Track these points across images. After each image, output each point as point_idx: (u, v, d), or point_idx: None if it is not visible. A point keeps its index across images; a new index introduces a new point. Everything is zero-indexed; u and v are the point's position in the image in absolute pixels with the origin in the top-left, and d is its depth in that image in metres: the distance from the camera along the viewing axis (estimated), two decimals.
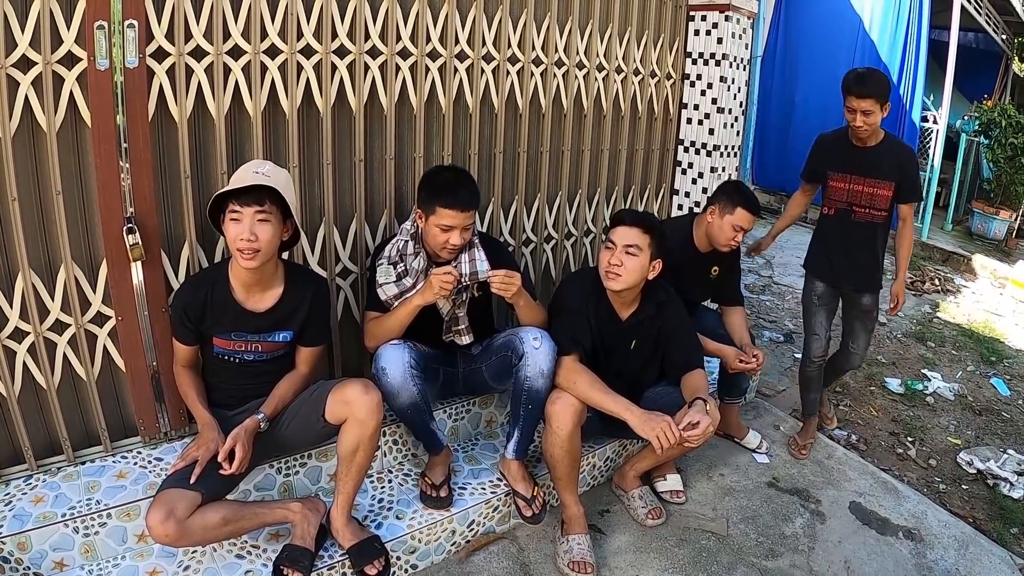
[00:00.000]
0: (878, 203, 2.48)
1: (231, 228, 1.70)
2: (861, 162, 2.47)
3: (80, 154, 1.79)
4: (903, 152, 2.48)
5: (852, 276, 2.63)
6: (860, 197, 2.50)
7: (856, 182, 2.49)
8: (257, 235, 1.69)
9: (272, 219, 1.72)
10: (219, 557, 1.84)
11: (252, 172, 1.72)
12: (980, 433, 3.24)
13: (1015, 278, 5.53)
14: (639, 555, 2.18)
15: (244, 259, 1.70)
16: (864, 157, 2.46)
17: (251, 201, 1.68)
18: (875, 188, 2.47)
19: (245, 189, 1.68)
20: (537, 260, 2.81)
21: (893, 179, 2.44)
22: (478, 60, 2.39)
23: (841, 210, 2.57)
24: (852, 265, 2.61)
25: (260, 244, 1.69)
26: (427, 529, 2.02)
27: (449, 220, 1.96)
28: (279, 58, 1.98)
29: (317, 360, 1.99)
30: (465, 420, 2.45)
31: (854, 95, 2.32)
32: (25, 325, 1.80)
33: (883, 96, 2.32)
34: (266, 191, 1.70)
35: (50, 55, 1.66)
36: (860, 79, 2.33)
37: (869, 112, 2.32)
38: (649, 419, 1.90)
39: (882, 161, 2.45)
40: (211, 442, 1.73)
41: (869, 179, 2.47)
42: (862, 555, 2.26)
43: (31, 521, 1.74)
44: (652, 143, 3.11)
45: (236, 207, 1.68)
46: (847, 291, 2.69)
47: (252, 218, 1.69)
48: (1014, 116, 6.29)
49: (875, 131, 2.42)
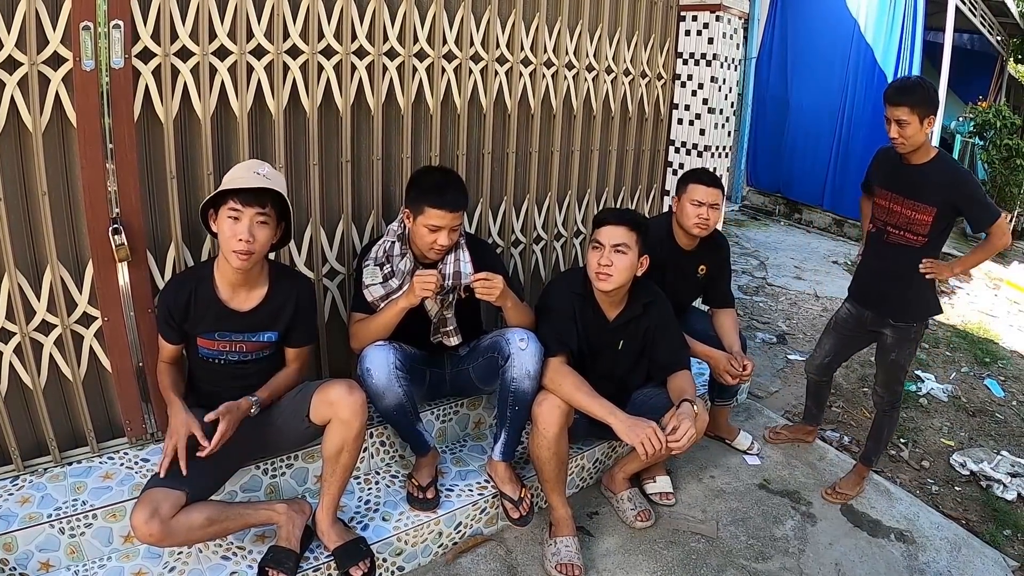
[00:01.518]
0: (916, 227, 2.26)
1: (228, 226, 1.68)
2: (904, 181, 2.26)
3: (66, 155, 1.79)
4: (954, 176, 2.21)
5: (876, 303, 2.46)
6: (898, 218, 2.30)
7: (896, 201, 2.29)
8: (255, 236, 1.69)
9: (270, 222, 1.73)
10: (204, 558, 1.84)
11: (252, 173, 1.71)
12: (973, 435, 3.24)
13: (1010, 279, 5.52)
14: (628, 557, 2.17)
15: (238, 259, 1.70)
16: (908, 176, 2.25)
17: (253, 202, 1.68)
18: (914, 211, 2.25)
19: (248, 189, 1.67)
20: (526, 261, 2.80)
21: (935, 204, 2.21)
22: (466, 61, 2.39)
23: (879, 229, 2.39)
24: (878, 291, 2.44)
25: (256, 246, 1.70)
26: (414, 531, 2.02)
27: (437, 220, 1.95)
28: (265, 58, 1.98)
29: (306, 360, 1.99)
30: (453, 422, 2.45)
31: (888, 102, 2.15)
32: (11, 325, 1.80)
33: (921, 106, 2.10)
34: (268, 193, 1.70)
35: (36, 56, 1.66)
36: (897, 85, 2.17)
37: (904, 123, 2.13)
38: (634, 425, 1.89)
39: (926, 183, 2.21)
40: (181, 426, 1.68)
41: (909, 200, 2.25)
42: (853, 557, 2.26)
43: (17, 522, 1.73)
44: (643, 144, 3.11)
45: (237, 206, 1.67)
46: (871, 321, 2.49)
47: (252, 219, 1.68)
48: (1009, 117, 6.30)
49: (922, 148, 2.20)
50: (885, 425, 2.56)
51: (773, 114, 7.15)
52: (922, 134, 2.16)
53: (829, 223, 6.91)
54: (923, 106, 2.11)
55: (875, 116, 6.25)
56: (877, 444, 2.58)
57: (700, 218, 2.41)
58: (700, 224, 2.42)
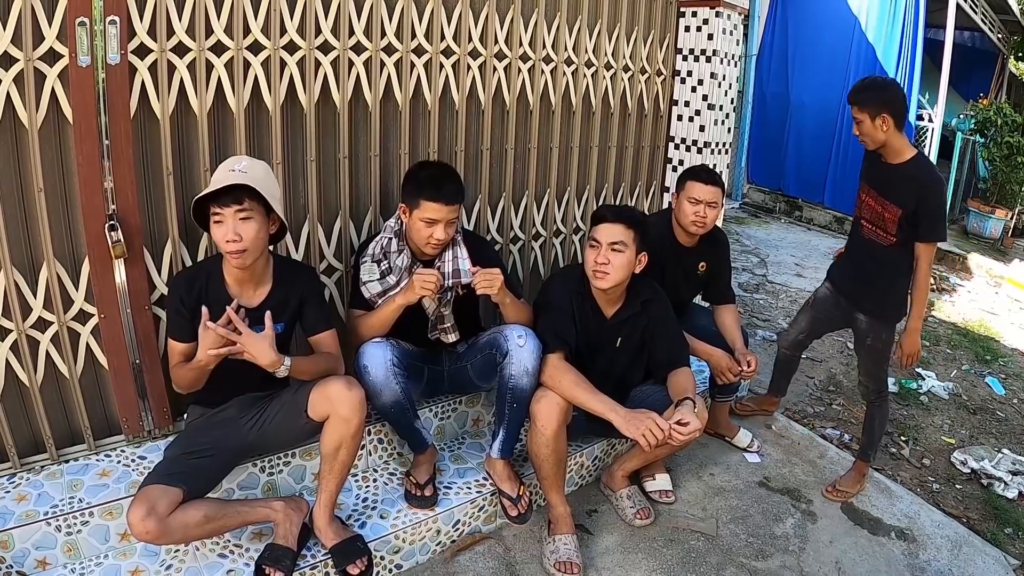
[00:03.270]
0: (885, 224, 2.32)
1: (215, 231, 1.69)
2: (879, 178, 2.33)
3: (62, 151, 1.78)
4: (924, 181, 2.23)
5: (850, 288, 2.54)
6: (870, 213, 2.38)
7: (871, 196, 2.37)
8: (241, 235, 1.67)
9: (255, 215, 1.71)
10: (201, 556, 1.83)
11: (228, 171, 1.70)
12: (974, 432, 3.23)
13: (1011, 277, 5.52)
14: (627, 555, 2.16)
15: (234, 260, 1.70)
16: (883, 173, 2.31)
17: (230, 201, 1.67)
18: (883, 209, 2.31)
19: (224, 190, 1.66)
20: (525, 258, 2.80)
21: (903, 205, 2.24)
22: (464, 56, 2.38)
23: (856, 220, 2.48)
24: (852, 278, 2.53)
25: (246, 243, 1.68)
26: (411, 529, 2.01)
27: (433, 213, 1.95)
28: (262, 54, 1.97)
29: (334, 345, 1.94)
30: (451, 419, 2.44)
31: (848, 101, 2.26)
32: (7, 323, 1.79)
33: (869, 105, 2.17)
34: (245, 189, 1.69)
35: (31, 52, 1.65)
36: (855, 85, 2.25)
37: (857, 120, 2.23)
38: (633, 418, 1.89)
39: (898, 183, 2.26)
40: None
41: (880, 197, 2.32)
42: (854, 556, 2.25)
43: (13, 519, 1.73)
44: (642, 140, 3.10)
45: (217, 209, 1.67)
46: (846, 306, 2.55)
47: (234, 218, 1.67)
48: (1010, 115, 6.28)
49: (895, 148, 2.24)
50: (876, 416, 2.57)
51: (774, 111, 7.14)
52: (879, 132, 2.21)
53: (830, 220, 6.89)
54: (871, 105, 2.18)
55: None
56: (871, 437, 2.58)
57: (697, 216, 2.40)
58: (697, 222, 2.41)
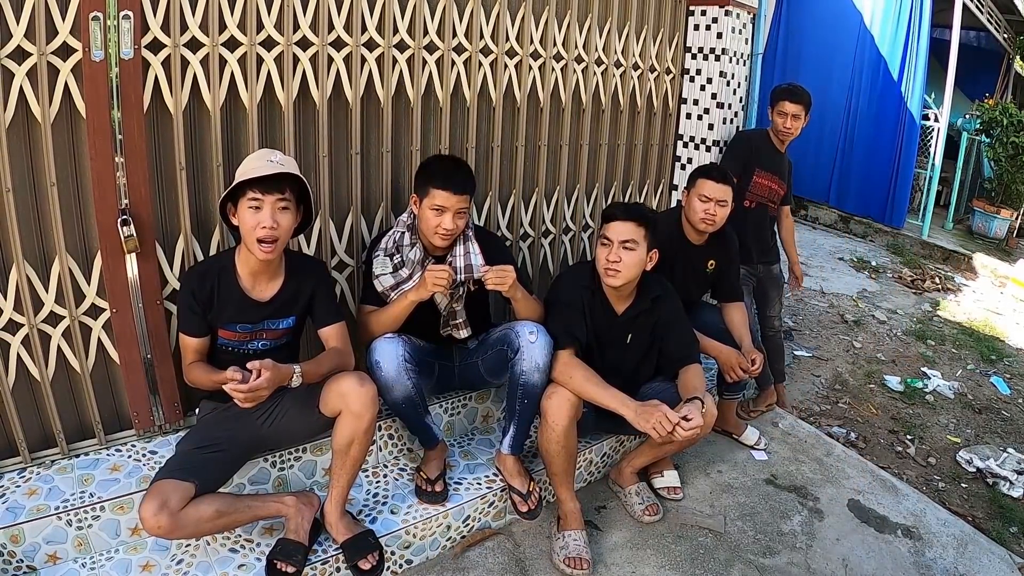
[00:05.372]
0: (775, 199, 3.02)
1: (250, 217, 1.69)
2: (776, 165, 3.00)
3: (75, 145, 1.78)
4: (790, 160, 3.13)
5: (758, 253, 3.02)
6: (768, 192, 2.97)
7: (772, 180, 2.97)
8: (279, 223, 1.70)
9: (291, 206, 1.74)
10: (212, 551, 1.83)
11: (266, 161, 1.71)
12: (980, 432, 3.23)
13: (1016, 277, 5.51)
14: (635, 552, 2.17)
15: (263, 250, 1.71)
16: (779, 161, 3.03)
17: (272, 189, 1.69)
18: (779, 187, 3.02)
19: (266, 177, 1.67)
20: (535, 255, 2.80)
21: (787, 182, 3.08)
22: (475, 53, 2.38)
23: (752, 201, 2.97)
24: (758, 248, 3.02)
25: (280, 232, 1.71)
26: (422, 524, 2.01)
27: (442, 201, 1.95)
28: (275, 50, 1.97)
29: (344, 339, 1.94)
30: (461, 415, 2.44)
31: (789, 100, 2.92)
32: (19, 317, 1.79)
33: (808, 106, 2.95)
34: (286, 179, 1.70)
35: (45, 46, 1.65)
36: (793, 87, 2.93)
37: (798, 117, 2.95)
38: (644, 411, 1.89)
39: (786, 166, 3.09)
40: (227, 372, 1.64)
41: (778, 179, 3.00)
42: (860, 553, 2.25)
43: (24, 514, 1.73)
44: (651, 138, 3.10)
45: (258, 195, 1.68)
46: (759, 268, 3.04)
47: (274, 206, 1.70)
48: (1015, 115, 6.27)
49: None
50: (783, 344, 3.28)
51: None
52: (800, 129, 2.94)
53: (835, 219, 6.90)
54: (808, 106, 2.93)
55: (881, 113, 6.24)
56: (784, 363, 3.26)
57: (707, 214, 2.41)
58: (706, 220, 2.42)
